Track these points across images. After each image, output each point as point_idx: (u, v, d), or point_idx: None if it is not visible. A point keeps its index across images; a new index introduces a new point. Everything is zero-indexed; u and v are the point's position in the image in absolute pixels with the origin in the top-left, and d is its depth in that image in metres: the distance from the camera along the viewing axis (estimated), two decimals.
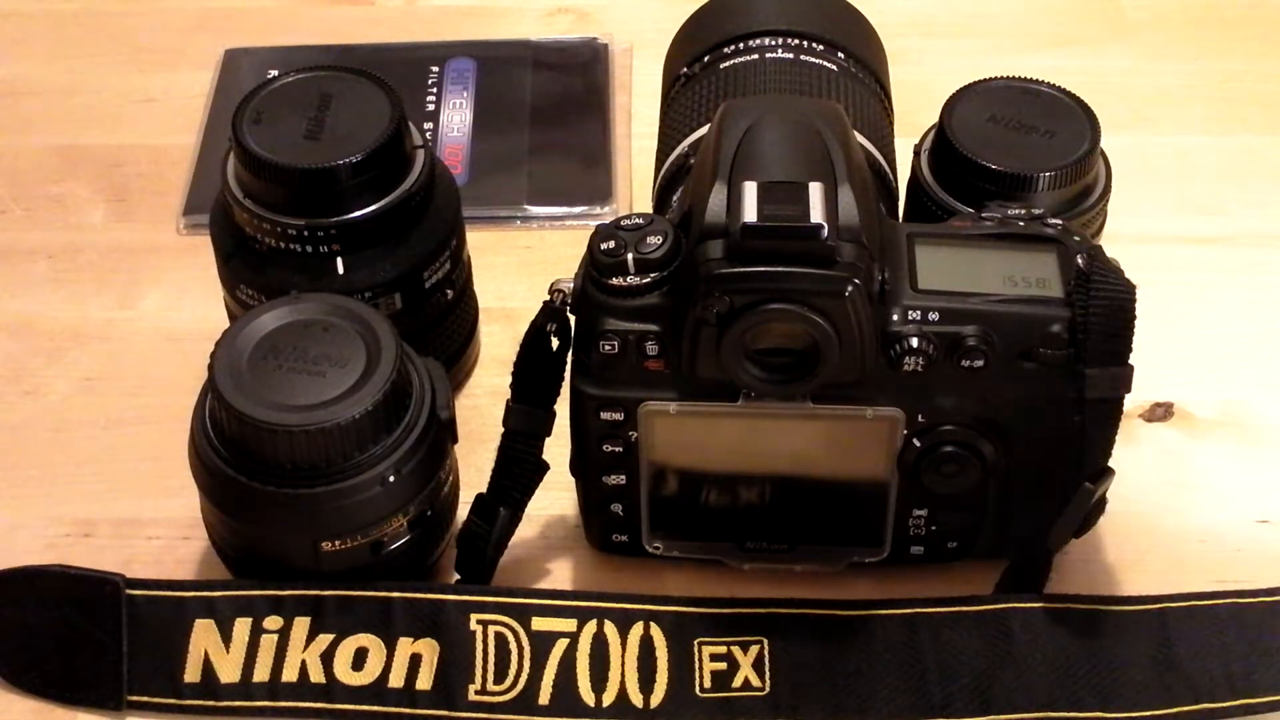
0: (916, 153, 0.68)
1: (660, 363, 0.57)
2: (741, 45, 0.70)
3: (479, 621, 0.61)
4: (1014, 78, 0.68)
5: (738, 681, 0.60)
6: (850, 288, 0.54)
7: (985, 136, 0.66)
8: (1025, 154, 0.65)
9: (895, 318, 0.56)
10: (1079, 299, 0.56)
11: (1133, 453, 0.69)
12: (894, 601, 0.62)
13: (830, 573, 0.64)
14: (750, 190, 0.54)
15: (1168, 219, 0.81)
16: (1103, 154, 0.67)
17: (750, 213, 0.54)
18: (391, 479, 0.59)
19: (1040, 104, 0.67)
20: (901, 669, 0.60)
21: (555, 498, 0.66)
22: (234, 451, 0.58)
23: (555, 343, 0.60)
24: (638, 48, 0.90)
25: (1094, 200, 0.66)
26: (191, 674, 0.60)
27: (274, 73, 0.69)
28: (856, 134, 0.62)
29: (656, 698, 0.60)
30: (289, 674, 0.60)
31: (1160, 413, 0.72)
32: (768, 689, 0.60)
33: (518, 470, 0.62)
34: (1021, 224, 0.58)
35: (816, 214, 0.54)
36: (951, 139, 0.65)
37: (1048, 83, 0.68)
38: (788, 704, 0.60)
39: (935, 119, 0.68)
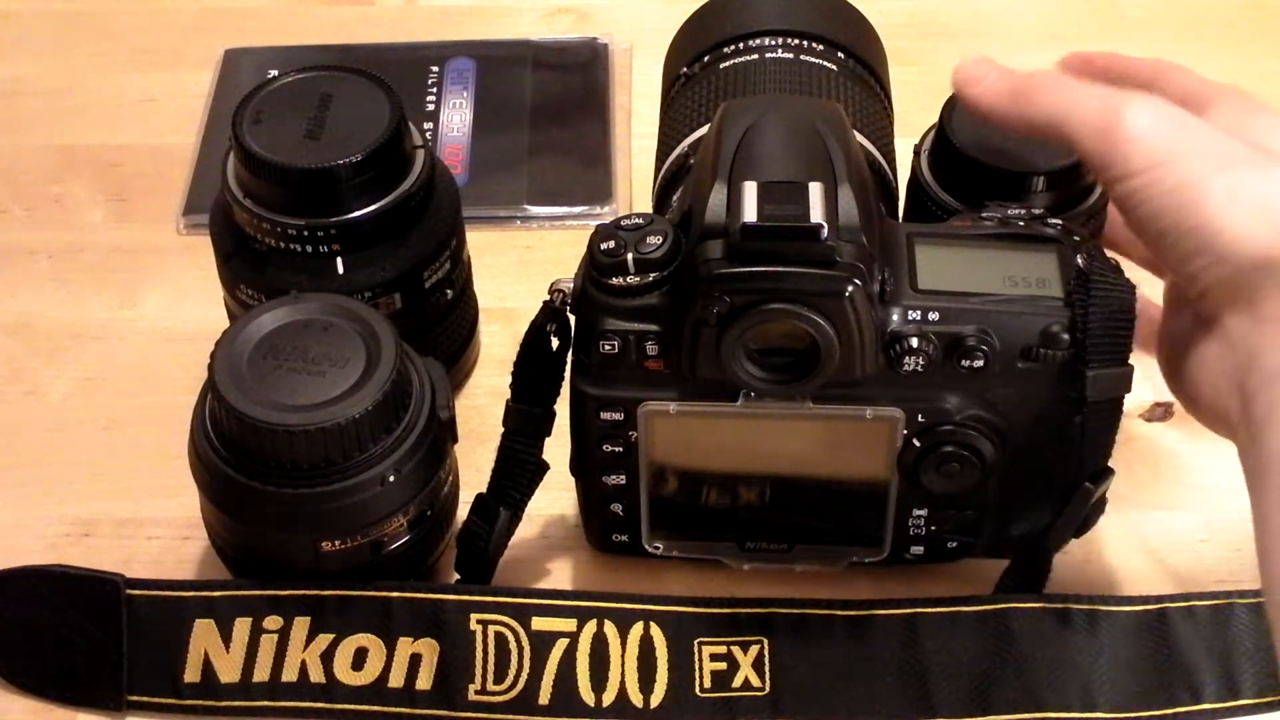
0: (916, 152, 0.68)
1: (660, 363, 0.57)
2: (741, 45, 0.70)
3: (479, 621, 0.61)
4: None
5: (738, 681, 0.61)
6: (850, 288, 0.54)
7: (985, 136, 0.66)
8: (1025, 154, 0.65)
9: (895, 318, 0.56)
10: (1079, 299, 0.56)
11: (1133, 453, 0.69)
12: (894, 601, 0.62)
13: (830, 573, 0.64)
14: (750, 190, 0.54)
15: None
16: None
17: (750, 213, 0.54)
18: (391, 479, 0.59)
19: None
20: (901, 669, 0.61)
21: (555, 498, 0.66)
22: (234, 451, 0.58)
23: (555, 343, 0.60)
24: (638, 48, 0.90)
25: (1094, 200, 0.66)
26: (191, 674, 0.60)
27: (274, 73, 0.69)
28: (856, 134, 0.62)
29: (656, 698, 0.60)
30: (289, 674, 0.60)
31: (1160, 413, 0.72)
32: (768, 689, 0.60)
33: (518, 470, 0.62)
34: (1021, 224, 0.58)
35: (816, 214, 0.54)
36: (951, 139, 0.65)
37: None
38: (788, 704, 0.60)
39: (935, 119, 0.67)
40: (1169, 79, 0.62)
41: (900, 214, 0.69)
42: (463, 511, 0.65)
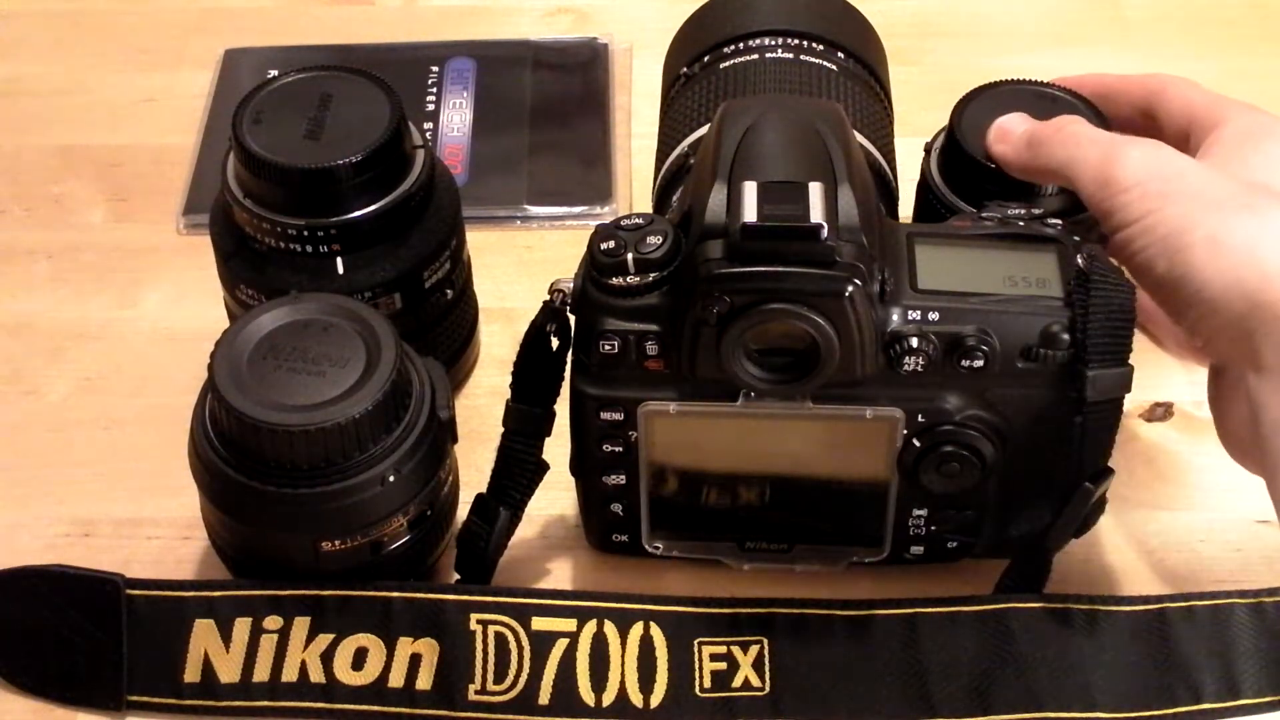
0: (927, 150, 0.68)
1: (660, 363, 0.57)
2: (741, 45, 0.70)
3: (479, 621, 0.61)
4: (1028, 80, 0.68)
5: (738, 681, 0.60)
6: (850, 288, 0.54)
7: None
8: None
9: (895, 318, 0.56)
10: (1079, 299, 0.56)
11: (1133, 453, 0.69)
12: (894, 601, 0.62)
13: (830, 573, 0.64)
14: (750, 190, 0.54)
15: None
16: None
17: (750, 213, 0.54)
18: (391, 479, 0.59)
19: (1054, 108, 0.66)
20: (901, 669, 0.61)
21: (555, 498, 0.66)
22: (234, 451, 0.58)
23: (555, 343, 0.60)
24: (638, 48, 0.90)
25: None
26: (191, 674, 0.60)
27: (274, 73, 0.69)
28: (856, 134, 0.62)
29: (656, 698, 0.60)
30: (289, 674, 0.60)
31: (1160, 413, 0.72)
32: (768, 689, 0.60)
33: (518, 470, 0.62)
34: (1021, 224, 0.58)
35: (816, 214, 0.54)
36: (960, 140, 0.65)
37: (1060, 85, 0.67)
38: (788, 704, 0.60)
39: (935, 119, 0.67)
40: (1170, 95, 0.62)
41: (912, 214, 0.69)
42: (463, 511, 0.65)
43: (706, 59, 0.71)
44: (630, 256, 0.56)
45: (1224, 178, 0.55)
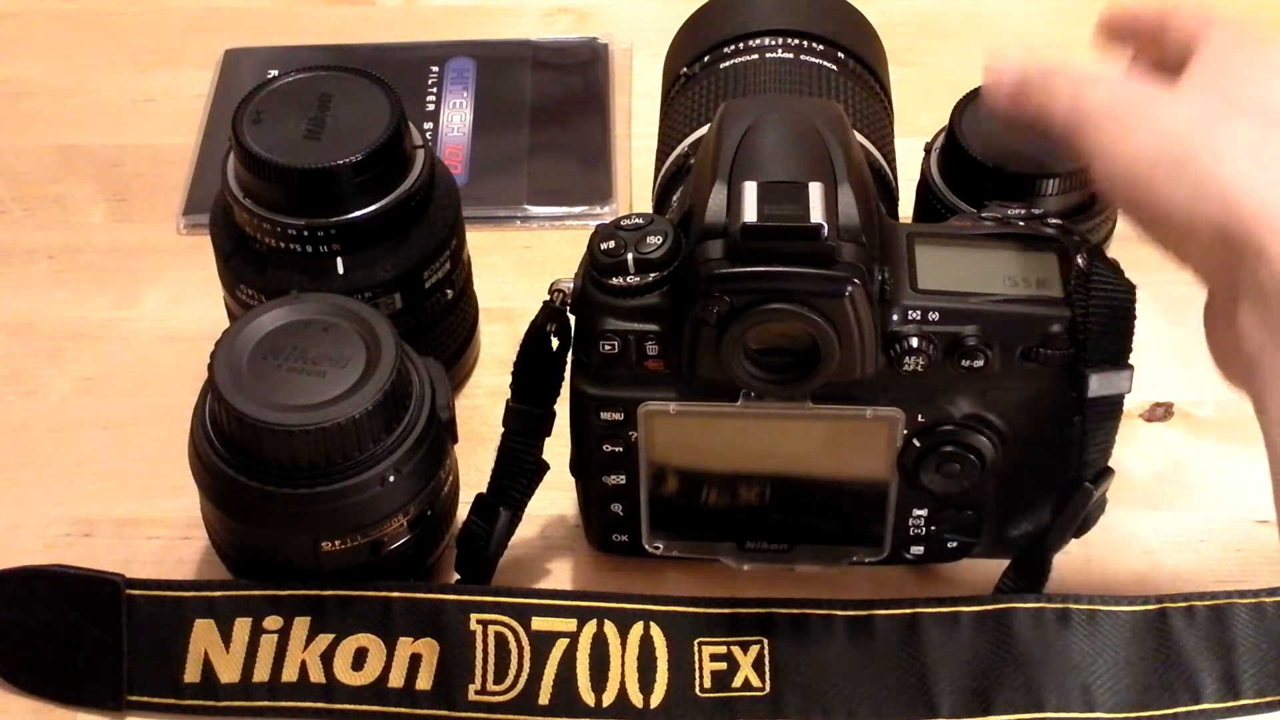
0: (927, 150, 0.68)
1: (660, 363, 0.57)
2: (741, 45, 0.70)
3: (479, 621, 0.61)
4: None
5: (738, 681, 0.60)
6: (850, 288, 0.54)
7: (995, 140, 0.65)
8: (1034, 158, 0.64)
9: (895, 318, 0.56)
10: (1079, 299, 0.56)
11: (1133, 453, 0.69)
12: (894, 601, 0.62)
13: (830, 573, 0.64)
14: (750, 190, 0.54)
15: None
16: None
17: (750, 213, 0.54)
18: (391, 479, 0.59)
19: None
20: (901, 669, 0.60)
21: (555, 498, 0.66)
22: (234, 451, 0.58)
23: (555, 343, 0.60)
24: (638, 48, 0.90)
25: (1105, 203, 0.66)
26: (191, 674, 0.60)
27: (274, 73, 0.69)
28: (856, 134, 0.62)
29: (656, 698, 0.60)
30: (289, 674, 0.60)
31: (1160, 413, 0.72)
32: (768, 689, 0.60)
33: (518, 470, 0.62)
34: (1022, 224, 0.58)
35: (816, 214, 0.54)
36: (960, 140, 0.65)
37: None
38: (788, 704, 0.60)
39: (935, 119, 0.67)
40: (1171, 26, 0.59)
41: (912, 214, 0.69)
42: (463, 511, 0.65)
43: (706, 59, 0.71)
44: (630, 256, 0.56)
45: (1189, 103, 0.53)
